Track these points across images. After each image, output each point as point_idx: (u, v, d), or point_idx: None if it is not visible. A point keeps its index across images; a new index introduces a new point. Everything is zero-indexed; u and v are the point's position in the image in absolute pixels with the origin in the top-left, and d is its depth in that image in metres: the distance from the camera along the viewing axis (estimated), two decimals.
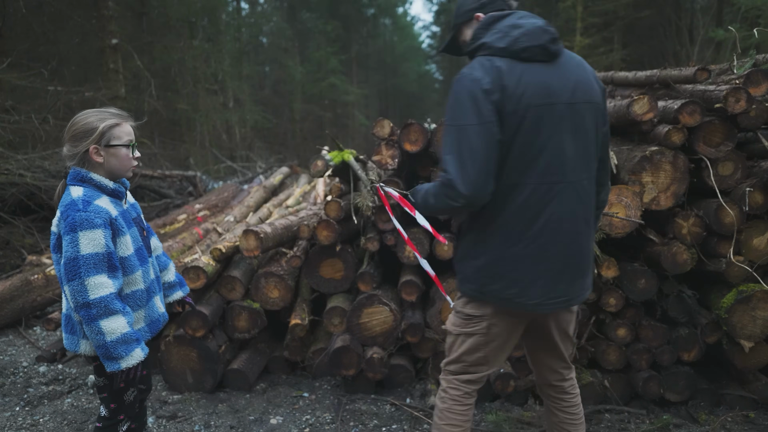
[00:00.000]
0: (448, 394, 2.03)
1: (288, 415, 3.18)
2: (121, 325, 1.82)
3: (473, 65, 1.77)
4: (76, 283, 1.78)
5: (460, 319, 1.99)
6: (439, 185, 1.76)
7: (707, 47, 14.24)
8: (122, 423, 2.12)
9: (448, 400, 2.02)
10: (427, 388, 3.34)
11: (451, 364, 2.05)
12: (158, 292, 2.15)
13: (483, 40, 1.81)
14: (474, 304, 1.93)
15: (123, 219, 1.95)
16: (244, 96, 18.94)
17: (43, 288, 4.76)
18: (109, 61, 11.30)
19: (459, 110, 1.72)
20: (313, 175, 3.78)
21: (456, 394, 2.02)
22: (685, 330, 3.12)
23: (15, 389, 3.53)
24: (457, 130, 1.71)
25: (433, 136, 3.40)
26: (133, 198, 2.18)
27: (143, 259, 2.03)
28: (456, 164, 1.69)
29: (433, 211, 1.91)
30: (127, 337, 1.83)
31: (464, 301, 1.97)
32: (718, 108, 2.95)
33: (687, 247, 3.00)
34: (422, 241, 3.46)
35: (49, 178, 6.97)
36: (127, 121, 1.98)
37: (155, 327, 2.09)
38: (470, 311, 1.94)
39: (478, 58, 1.78)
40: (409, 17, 48.26)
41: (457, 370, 2.03)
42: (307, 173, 8.68)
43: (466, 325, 1.97)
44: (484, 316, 1.91)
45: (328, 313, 3.53)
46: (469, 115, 1.69)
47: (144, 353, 1.90)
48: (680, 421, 3.02)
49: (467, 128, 1.69)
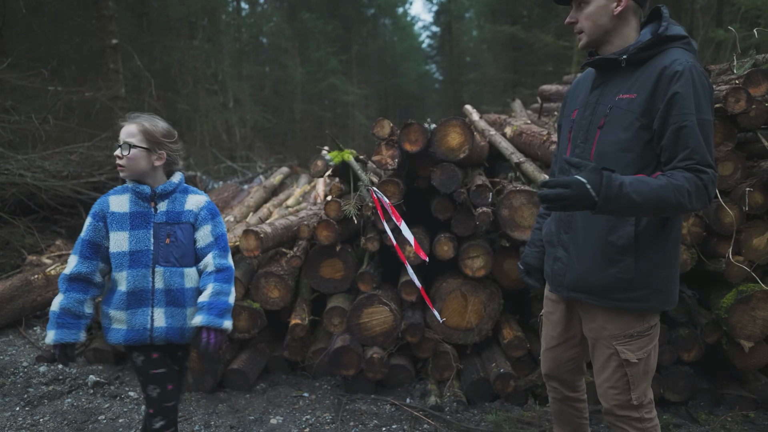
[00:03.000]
0: (654, 422, 1.91)
1: (288, 415, 3.18)
2: (55, 302, 1.97)
3: (693, 57, 1.72)
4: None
5: (643, 337, 1.84)
6: (705, 182, 1.60)
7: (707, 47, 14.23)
8: (153, 419, 2.05)
9: (659, 427, 1.93)
10: (427, 388, 3.33)
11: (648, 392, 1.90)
12: (159, 306, 2.02)
13: (684, 33, 1.76)
14: (650, 314, 1.84)
15: (129, 218, 1.99)
16: (244, 96, 18.92)
17: (43, 288, 4.76)
18: (109, 61, 11.29)
19: (703, 103, 1.65)
20: (313, 175, 3.78)
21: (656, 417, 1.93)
22: (685, 330, 3.12)
23: (15, 389, 3.53)
24: (706, 124, 1.64)
25: (433, 136, 3.40)
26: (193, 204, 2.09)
27: (139, 263, 1.98)
28: (713, 161, 1.65)
29: (666, 211, 1.64)
30: (50, 316, 1.97)
31: (640, 316, 1.83)
32: (718, 108, 2.94)
33: (687, 247, 3.00)
34: (422, 241, 3.46)
35: (49, 178, 6.96)
36: (127, 122, 2.04)
37: (138, 336, 2.00)
38: (651, 322, 1.85)
39: (687, 53, 1.73)
40: (409, 17, 48.21)
41: (651, 392, 1.92)
42: (307, 173, 8.68)
43: (652, 339, 1.86)
44: (657, 322, 1.88)
45: (328, 313, 3.53)
46: (710, 110, 1.67)
47: (50, 340, 1.95)
48: (680, 421, 3.02)
49: (711, 124, 1.66)
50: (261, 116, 19.66)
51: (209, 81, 16.49)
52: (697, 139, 1.62)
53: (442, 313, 3.41)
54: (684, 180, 1.58)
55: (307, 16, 27.47)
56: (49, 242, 6.55)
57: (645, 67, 1.75)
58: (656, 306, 1.82)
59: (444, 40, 33.65)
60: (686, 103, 1.63)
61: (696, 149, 1.62)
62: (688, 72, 1.65)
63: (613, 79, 1.84)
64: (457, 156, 3.39)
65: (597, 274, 1.82)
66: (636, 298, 1.79)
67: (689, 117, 1.62)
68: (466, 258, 3.35)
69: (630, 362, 1.82)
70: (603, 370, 1.90)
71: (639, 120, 1.73)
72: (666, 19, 1.77)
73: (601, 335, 1.88)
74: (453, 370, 3.41)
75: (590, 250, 1.84)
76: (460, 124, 3.39)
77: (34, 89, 8.31)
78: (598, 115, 1.84)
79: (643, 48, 1.75)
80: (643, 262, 1.76)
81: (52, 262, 5.36)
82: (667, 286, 1.81)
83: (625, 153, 1.76)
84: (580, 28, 1.85)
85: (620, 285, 1.79)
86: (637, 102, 1.73)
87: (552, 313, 2.11)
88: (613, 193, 1.53)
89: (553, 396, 2.22)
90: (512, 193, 3.27)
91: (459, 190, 3.35)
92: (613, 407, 1.90)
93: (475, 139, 3.47)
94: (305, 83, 23.92)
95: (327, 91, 24.18)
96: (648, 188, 1.56)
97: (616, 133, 1.78)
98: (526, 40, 18.88)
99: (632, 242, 1.75)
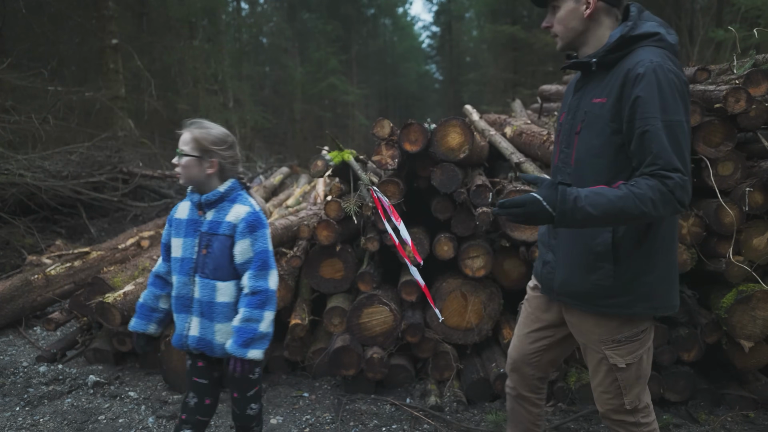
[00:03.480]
0: (652, 426, 1.89)
1: (288, 415, 3.18)
2: (141, 294, 2.18)
3: (660, 55, 1.65)
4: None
5: (632, 342, 1.80)
6: (670, 187, 1.54)
7: (707, 47, 14.23)
8: (183, 425, 2.07)
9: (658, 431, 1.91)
10: (427, 388, 3.33)
11: (643, 396, 1.87)
12: (196, 315, 2.02)
13: (655, 30, 1.70)
14: (639, 319, 1.80)
15: (185, 225, 2.06)
16: (244, 96, 18.93)
17: (43, 288, 4.76)
18: (109, 61, 11.30)
19: (670, 103, 1.59)
20: (313, 175, 3.78)
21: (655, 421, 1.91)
22: (685, 330, 3.12)
23: (15, 389, 3.53)
24: (675, 125, 1.58)
25: (433, 136, 3.40)
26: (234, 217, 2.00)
27: (184, 271, 2.03)
28: (683, 164, 1.57)
29: (630, 220, 1.61)
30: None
31: (627, 321, 1.79)
32: (718, 108, 2.94)
33: (687, 247, 3.00)
34: (422, 241, 3.46)
35: (49, 178, 6.97)
36: (184, 130, 2.03)
37: (178, 341, 2.08)
38: (641, 326, 1.81)
39: (659, 50, 1.67)
40: (409, 17, 48.27)
41: (648, 396, 1.89)
42: (307, 173, 8.67)
43: (643, 343, 1.82)
44: (648, 327, 1.84)
45: (328, 313, 3.53)
46: (680, 110, 1.60)
47: (131, 327, 2.15)
48: (680, 421, 3.02)
49: (682, 124, 1.59)
50: (261, 116, 19.66)
51: (209, 81, 16.50)
52: (661, 144, 1.56)
53: (443, 312, 3.41)
54: (647, 188, 1.54)
55: (307, 16, 27.48)
56: (49, 242, 6.55)
57: (614, 70, 1.72)
58: (642, 312, 1.78)
59: (444, 40, 33.65)
60: (648, 107, 1.59)
61: (659, 154, 1.56)
62: (651, 73, 1.60)
63: (590, 83, 1.82)
64: (457, 156, 3.39)
65: (578, 280, 1.81)
66: (619, 304, 1.76)
67: (651, 121, 1.58)
68: (466, 258, 3.35)
69: (618, 367, 1.80)
70: (595, 375, 1.90)
71: (609, 125, 1.70)
72: (632, 18, 1.74)
73: (590, 339, 1.86)
74: (453, 370, 3.41)
75: (573, 256, 1.83)
76: (460, 124, 3.39)
77: (34, 89, 8.31)
78: (577, 119, 1.83)
79: (609, 50, 1.72)
80: (622, 269, 1.73)
81: (52, 262, 5.35)
82: (655, 292, 1.76)
83: (598, 159, 1.73)
84: (554, 32, 1.84)
85: (600, 292, 1.77)
86: (606, 107, 1.70)
87: (529, 302, 2.12)
88: (569, 207, 1.53)
89: (508, 391, 2.21)
90: (512, 193, 3.27)
91: (459, 190, 3.35)
92: (607, 411, 1.89)
93: (475, 139, 3.46)
94: (305, 83, 23.92)
95: (327, 91, 24.17)
96: (605, 200, 1.54)
97: (591, 139, 1.76)
98: (526, 40, 18.88)
99: (609, 249, 1.72)
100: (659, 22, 1.75)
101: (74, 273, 4.94)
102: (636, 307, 1.76)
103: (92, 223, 7.84)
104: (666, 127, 1.57)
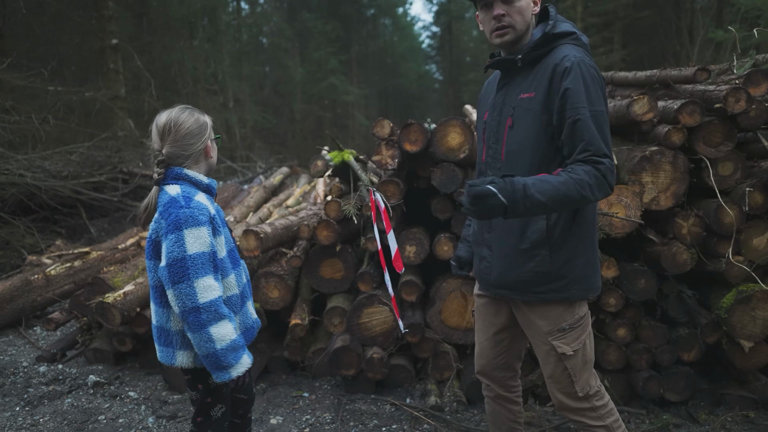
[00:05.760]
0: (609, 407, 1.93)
1: (288, 415, 3.18)
2: (229, 331, 1.69)
3: (581, 52, 1.77)
4: (184, 285, 1.64)
5: (575, 329, 1.87)
6: (603, 172, 1.65)
7: (707, 47, 14.24)
8: None
9: (615, 410, 1.95)
10: (427, 388, 3.34)
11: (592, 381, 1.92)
12: (250, 298, 2.01)
13: (571, 29, 1.82)
14: (579, 303, 1.89)
15: (219, 217, 1.84)
16: (244, 96, 18.94)
17: (43, 288, 4.76)
18: (109, 61, 11.30)
19: (596, 95, 1.71)
20: (313, 175, 3.78)
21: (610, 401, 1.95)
22: (685, 330, 3.12)
23: (15, 389, 3.53)
24: (599, 115, 1.70)
25: (433, 136, 3.40)
26: None
27: (236, 261, 1.90)
28: (609, 151, 1.69)
29: (571, 205, 1.69)
30: (236, 344, 1.71)
31: (567, 308, 1.87)
32: (718, 108, 2.94)
33: (687, 247, 3.00)
34: (422, 241, 3.46)
35: (49, 178, 6.97)
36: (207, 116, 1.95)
37: (250, 335, 1.94)
38: (580, 312, 1.89)
39: (576, 48, 1.79)
40: (409, 17, 48.27)
41: (596, 380, 1.94)
42: (307, 173, 8.68)
43: (584, 329, 1.90)
44: (587, 312, 1.92)
45: (328, 313, 3.53)
46: (602, 101, 1.72)
47: (250, 359, 1.77)
48: (680, 421, 3.02)
49: (605, 115, 1.72)
50: (261, 116, 19.68)
51: (209, 81, 16.52)
52: (591, 131, 1.66)
53: (443, 312, 3.41)
54: (584, 173, 1.63)
55: (307, 16, 27.48)
56: (49, 242, 6.56)
57: (540, 66, 1.81)
58: (577, 294, 1.86)
59: (444, 40, 33.67)
60: (577, 98, 1.68)
61: (590, 141, 1.66)
62: (577, 67, 1.70)
63: (515, 79, 1.90)
64: (457, 156, 3.39)
65: (516, 270, 1.88)
66: (555, 288, 1.84)
67: (581, 110, 1.67)
68: None
69: (567, 355, 1.87)
70: (546, 367, 1.95)
71: (540, 118, 1.78)
72: (553, 18, 1.84)
73: (536, 333, 1.93)
74: (453, 370, 3.41)
75: (509, 247, 1.90)
76: (460, 124, 3.39)
77: (34, 89, 8.32)
78: (505, 115, 1.90)
79: (534, 47, 1.82)
80: (557, 254, 1.82)
81: (52, 262, 5.36)
82: (585, 274, 1.86)
83: (530, 151, 1.82)
84: (511, 22, 1.83)
85: (538, 279, 1.84)
86: (536, 100, 1.79)
87: (479, 309, 2.17)
88: (519, 196, 1.58)
89: (486, 394, 2.24)
90: None
91: (459, 190, 3.36)
92: (562, 402, 1.94)
93: (475, 139, 3.47)
94: (305, 83, 23.94)
95: (327, 91, 24.19)
96: (550, 186, 1.61)
97: (521, 132, 1.84)
98: None
99: (544, 236, 1.81)
100: (572, 23, 1.88)
101: (74, 273, 4.94)
102: (571, 290, 1.85)
103: (92, 223, 7.85)
104: (593, 116, 1.68)
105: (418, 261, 3.44)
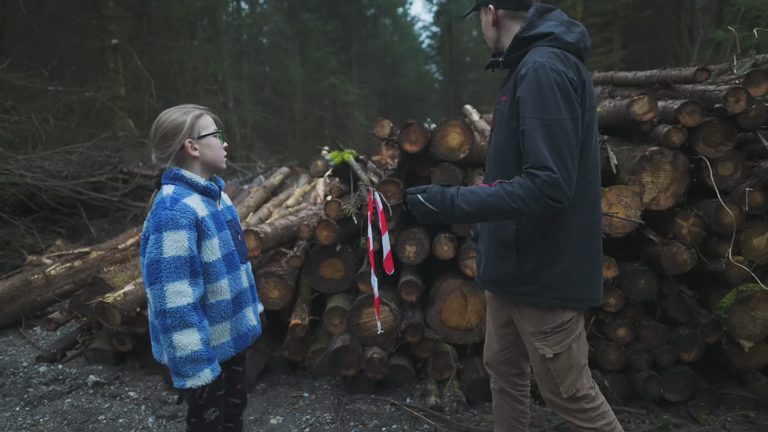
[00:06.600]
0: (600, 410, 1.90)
1: (288, 415, 3.18)
2: (192, 341, 1.65)
3: (548, 54, 1.69)
4: (156, 287, 1.65)
5: (558, 333, 1.84)
6: (538, 185, 1.57)
7: (707, 47, 14.24)
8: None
9: (609, 414, 1.91)
10: (427, 388, 3.33)
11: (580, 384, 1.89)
12: (251, 303, 1.97)
13: (549, 30, 1.75)
14: (561, 309, 1.85)
15: (213, 220, 1.80)
16: (244, 96, 18.94)
17: (43, 288, 4.76)
18: (109, 61, 11.31)
19: (549, 102, 1.62)
20: (313, 175, 3.78)
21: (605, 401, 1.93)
22: (685, 330, 3.12)
23: (15, 389, 3.53)
24: (554, 124, 1.61)
25: (433, 136, 3.40)
26: (230, 201, 2.03)
27: (232, 265, 1.85)
28: (559, 161, 1.58)
29: (503, 216, 1.70)
30: (197, 356, 1.66)
31: (548, 312, 1.84)
32: (718, 108, 2.94)
33: (687, 247, 3.00)
34: (422, 241, 3.46)
35: (49, 178, 6.97)
36: (207, 113, 1.90)
37: (242, 342, 1.90)
38: (563, 317, 1.85)
39: (549, 49, 1.71)
40: (409, 17, 48.24)
41: (588, 383, 1.91)
42: (307, 173, 8.68)
43: (569, 333, 1.86)
44: (573, 317, 1.87)
45: (328, 313, 3.53)
46: (561, 108, 1.63)
47: (213, 375, 1.70)
48: (680, 421, 3.02)
49: (562, 123, 1.62)
50: (261, 116, 19.68)
51: (209, 81, 16.51)
52: (532, 142, 1.61)
53: (443, 312, 3.41)
54: (517, 185, 1.61)
55: (307, 16, 27.48)
56: (49, 242, 6.56)
57: (515, 70, 1.81)
58: (546, 302, 1.81)
59: (444, 40, 33.66)
60: (525, 107, 1.65)
61: (530, 152, 1.61)
62: (532, 73, 1.65)
63: (504, 83, 1.94)
64: (457, 156, 3.39)
65: (493, 268, 1.91)
66: (524, 292, 1.84)
67: (527, 120, 1.64)
68: (466, 258, 3.35)
69: (547, 357, 1.86)
70: (533, 365, 1.97)
71: (508, 123, 1.78)
72: (527, 20, 1.80)
73: (522, 331, 1.94)
74: (453, 370, 3.41)
75: (490, 245, 1.93)
76: (460, 124, 3.39)
77: (34, 89, 8.32)
78: (493, 117, 1.96)
79: (509, 51, 1.84)
80: (525, 259, 1.82)
81: (52, 262, 5.36)
82: (562, 284, 1.80)
83: (504, 155, 1.82)
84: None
85: (510, 280, 1.86)
86: (507, 105, 1.80)
87: (488, 301, 2.20)
88: (447, 205, 1.68)
89: (492, 386, 2.26)
90: None
91: None
92: (549, 399, 1.96)
93: (475, 139, 3.47)
94: (305, 83, 23.94)
95: (327, 91, 24.18)
96: (477, 198, 1.66)
97: (500, 135, 1.86)
98: None
99: (513, 240, 1.82)
100: (560, 21, 1.80)
101: (74, 273, 4.94)
102: (539, 297, 1.82)
103: (92, 223, 7.84)
104: (544, 125, 1.61)
105: (418, 261, 3.44)
